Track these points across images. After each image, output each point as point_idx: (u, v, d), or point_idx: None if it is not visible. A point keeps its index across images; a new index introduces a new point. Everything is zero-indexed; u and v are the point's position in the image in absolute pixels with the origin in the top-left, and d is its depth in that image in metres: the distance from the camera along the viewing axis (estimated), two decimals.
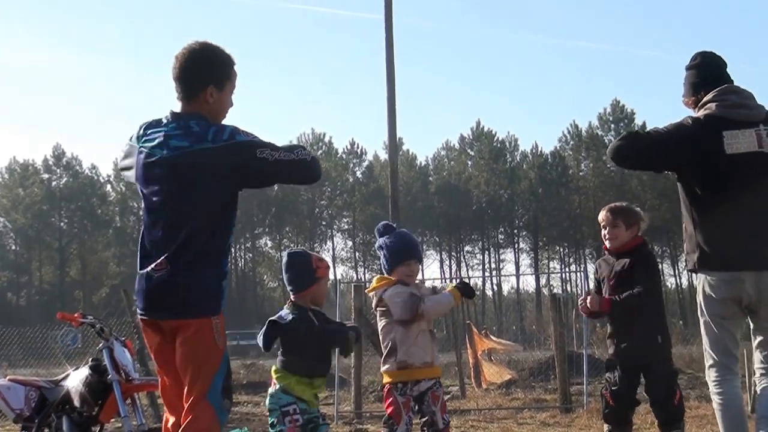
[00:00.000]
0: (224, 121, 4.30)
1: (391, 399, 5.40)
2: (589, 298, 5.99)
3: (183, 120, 4.19)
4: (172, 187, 4.14)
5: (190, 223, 4.07)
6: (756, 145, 4.95)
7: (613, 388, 5.99)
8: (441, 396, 5.46)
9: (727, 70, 5.34)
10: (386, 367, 5.48)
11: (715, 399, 5.16)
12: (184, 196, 4.10)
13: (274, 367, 5.19)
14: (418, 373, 5.39)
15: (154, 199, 4.18)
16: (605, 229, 6.04)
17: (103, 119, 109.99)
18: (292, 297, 5.22)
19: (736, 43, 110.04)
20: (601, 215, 6.09)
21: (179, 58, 4.22)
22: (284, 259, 5.30)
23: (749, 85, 5.20)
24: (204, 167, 4.07)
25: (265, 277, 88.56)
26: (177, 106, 4.31)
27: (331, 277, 60.08)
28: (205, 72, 4.21)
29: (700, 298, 5.18)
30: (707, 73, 5.28)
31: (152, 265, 4.11)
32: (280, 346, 5.16)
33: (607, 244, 6.06)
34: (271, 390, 5.13)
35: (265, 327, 5.03)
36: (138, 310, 4.24)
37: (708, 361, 5.20)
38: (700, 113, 5.15)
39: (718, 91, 5.15)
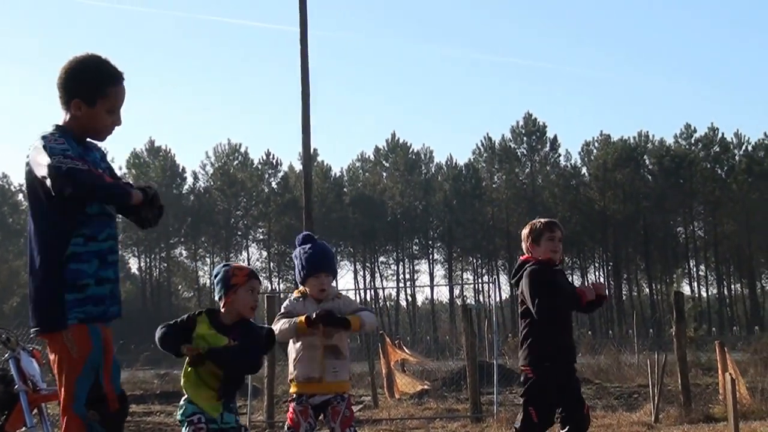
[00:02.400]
0: (110, 137, 4.19)
1: (291, 408, 5.49)
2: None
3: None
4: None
5: (33, 235, 3.99)
6: None
7: (539, 401, 5.82)
8: (342, 410, 5.42)
9: None
10: (289, 378, 5.62)
11: None
12: (28, 207, 4.06)
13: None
14: (306, 387, 5.44)
15: None
16: (560, 242, 6.04)
17: (15, 128, 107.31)
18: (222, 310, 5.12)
19: (652, 57, 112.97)
20: (558, 232, 6.03)
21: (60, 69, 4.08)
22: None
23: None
24: (28, 179, 4.01)
25: (180, 287, 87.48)
26: None
27: None
28: (72, 85, 4.03)
29: None
30: None
31: None
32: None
33: (557, 257, 6.03)
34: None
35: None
36: None
37: None
38: None
39: None
